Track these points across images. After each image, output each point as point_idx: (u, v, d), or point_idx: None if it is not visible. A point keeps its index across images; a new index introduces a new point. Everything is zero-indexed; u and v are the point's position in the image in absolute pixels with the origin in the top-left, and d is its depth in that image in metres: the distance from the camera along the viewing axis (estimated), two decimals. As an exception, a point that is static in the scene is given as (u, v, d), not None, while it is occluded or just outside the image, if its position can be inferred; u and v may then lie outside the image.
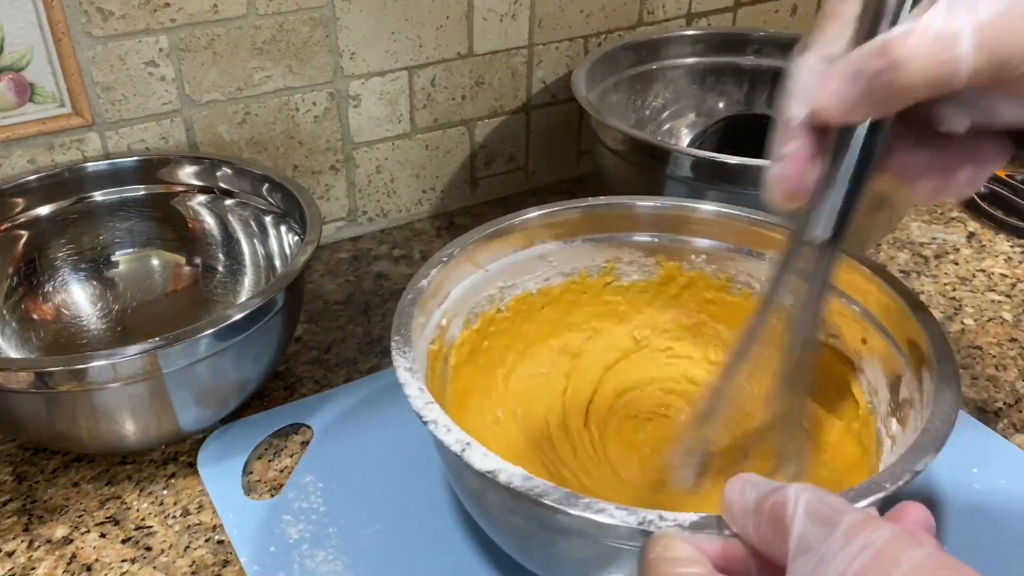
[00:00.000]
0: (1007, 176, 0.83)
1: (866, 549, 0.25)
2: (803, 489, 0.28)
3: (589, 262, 0.57)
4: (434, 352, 0.48)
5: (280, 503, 0.51)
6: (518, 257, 0.54)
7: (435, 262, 0.49)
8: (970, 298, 0.70)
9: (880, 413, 0.47)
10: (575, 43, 0.81)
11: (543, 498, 0.34)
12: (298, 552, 0.47)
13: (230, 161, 0.63)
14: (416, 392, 0.40)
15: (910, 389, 0.44)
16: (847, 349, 0.51)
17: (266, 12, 0.65)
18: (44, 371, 0.45)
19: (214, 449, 0.54)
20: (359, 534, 0.49)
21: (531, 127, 0.83)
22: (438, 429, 0.38)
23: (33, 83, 0.59)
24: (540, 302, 0.56)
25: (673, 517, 0.33)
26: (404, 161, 0.77)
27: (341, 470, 0.53)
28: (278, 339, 0.54)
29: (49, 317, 0.60)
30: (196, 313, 0.62)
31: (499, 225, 0.53)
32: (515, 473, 0.35)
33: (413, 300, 0.46)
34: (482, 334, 0.54)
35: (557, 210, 0.54)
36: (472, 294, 0.53)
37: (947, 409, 0.39)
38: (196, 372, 0.48)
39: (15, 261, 0.59)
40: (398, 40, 0.71)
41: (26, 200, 0.60)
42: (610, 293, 0.58)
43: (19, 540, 0.49)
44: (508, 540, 0.42)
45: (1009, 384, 0.61)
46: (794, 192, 0.36)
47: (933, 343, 0.43)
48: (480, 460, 0.36)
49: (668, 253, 0.56)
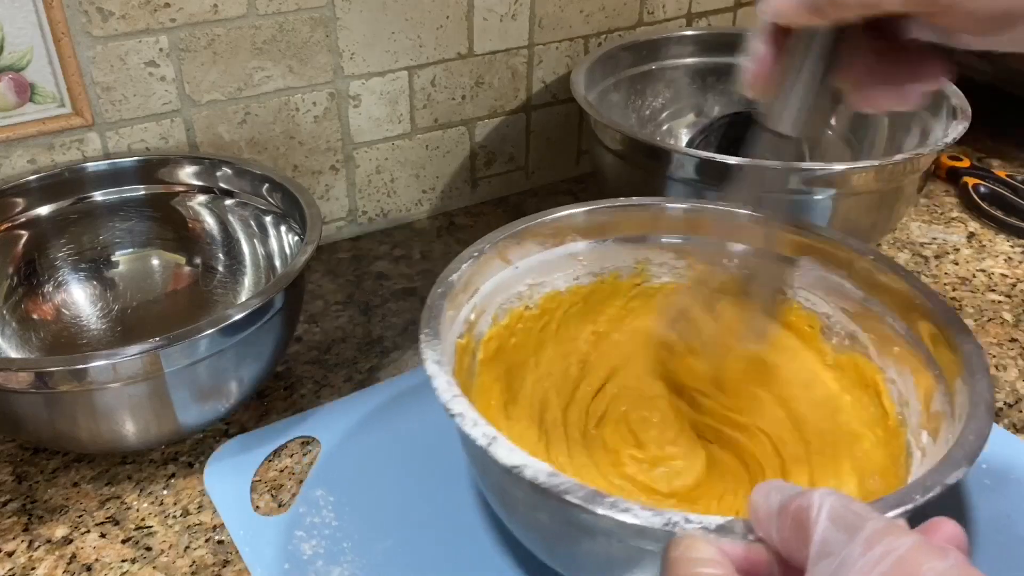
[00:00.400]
0: (1007, 176, 0.83)
1: (887, 556, 0.25)
2: (828, 494, 0.28)
3: (620, 262, 0.56)
4: (462, 346, 0.48)
5: (291, 518, 0.50)
6: (548, 255, 0.54)
7: (465, 257, 0.49)
8: (970, 298, 0.70)
9: (911, 425, 0.46)
10: (575, 43, 0.81)
11: (568, 495, 0.34)
12: (313, 569, 0.46)
13: (230, 161, 0.63)
14: (444, 385, 0.40)
15: (942, 402, 0.44)
16: (878, 358, 0.50)
17: (266, 12, 0.65)
18: (44, 371, 0.45)
19: (220, 466, 0.53)
20: (374, 548, 0.48)
21: (531, 127, 0.83)
22: (465, 422, 0.37)
23: (33, 83, 0.59)
24: (569, 300, 0.56)
25: (699, 519, 0.32)
26: (404, 161, 0.77)
27: (351, 483, 0.52)
28: (278, 339, 0.54)
29: (49, 317, 0.60)
30: (196, 313, 0.62)
31: (530, 222, 0.53)
32: (541, 469, 0.35)
33: (443, 294, 0.46)
34: (510, 330, 0.53)
35: (589, 209, 0.54)
36: (501, 290, 0.52)
37: (980, 424, 0.38)
38: (196, 372, 0.48)
39: (15, 261, 0.59)
40: (398, 40, 0.71)
41: (26, 200, 0.60)
42: (640, 294, 0.57)
43: (19, 540, 0.49)
44: (532, 538, 0.42)
45: (1009, 384, 0.61)
46: (757, 85, 0.43)
47: (966, 357, 0.42)
48: (506, 455, 0.36)
49: (699, 256, 0.56)
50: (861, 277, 0.51)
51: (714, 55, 0.84)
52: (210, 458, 0.54)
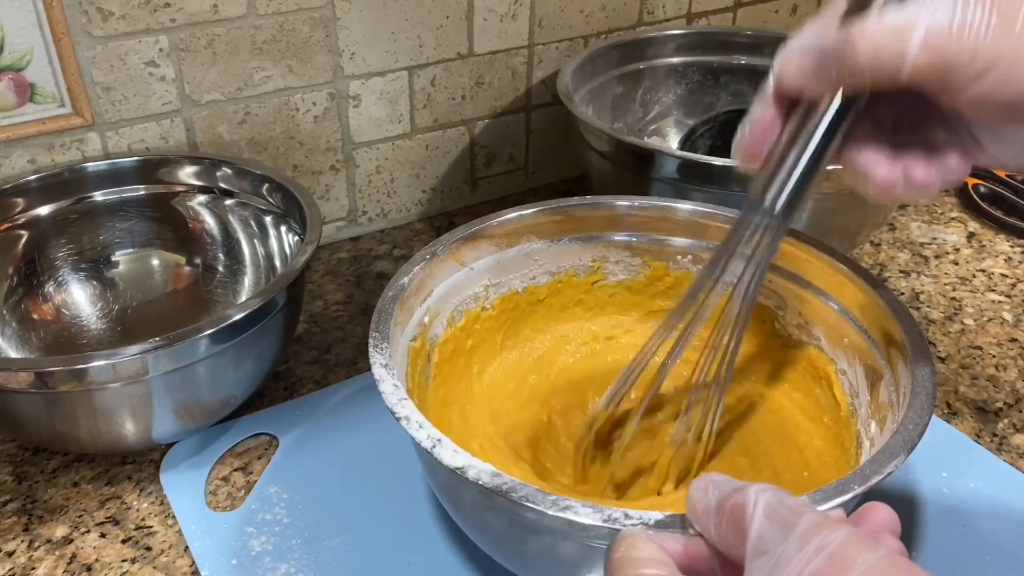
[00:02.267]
0: (1007, 176, 0.83)
1: (821, 551, 0.25)
2: (763, 490, 0.28)
3: (576, 261, 0.57)
4: (416, 349, 0.49)
5: (243, 515, 0.50)
6: (503, 256, 0.55)
7: (417, 259, 0.49)
8: (970, 298, 0.70)
9: (861, 415, 0.47)
10: (575, 43, 0.81)
11: (511, 494, 0.34)
12: (261, 565, 0.47)
13: (230, 161, 0.63)
14: (390, 388, 0.40)
15: (888, 391, 0.44)
16: (830, 350, 0.51)
17: (266, 12, 0.65)
18: (43, 371, 0.45)
19: (176, 460, 0.53)
20: (324, 545, 0.48)
21: (531, 127, 0.83)
22: (410, 425, 0.38)
23: (33, 83, 0.59)
24: (526, 300, 0.56)
25: (638, 515, 0.33)
26: (404, 161, 0.77)
27: (307, 480, 0.52)
28: (278, 339, 0.54)
29: (49, 317, 0.60)
30: (196, 313, 0.62)
31: (482, 225, 0.53)
32: (484, 470, 0.35)
33: (394, 297, 0.46)
34: (467, 332, 0.54)
35: (540, 209, 0.54)
36: (456, 292, 0.53)
37: (920, 412, 0.39)
38: (196, 372, 0.48)
39: (15, 261, 0.59)
40: (398, 40, 0.71)
41: (26, 200, 0.60)
42: (597, 292, 0.58)
43: (19, 540, 0.49)
44: (483, 538, 0.42)
45: (1009, 384, 0.61)
46: (749, 154, 0.39)
47: (912, 345, 0.43)
48: (450, 457, 0.36)
49: (654, 253, 0.56)
50: (810, 269, 0.52)
51: (703, 54, 0.83)
52: (167, 453, 0.54)
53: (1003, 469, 0.54)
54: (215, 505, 0.51)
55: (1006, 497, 0.51)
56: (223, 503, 0.51)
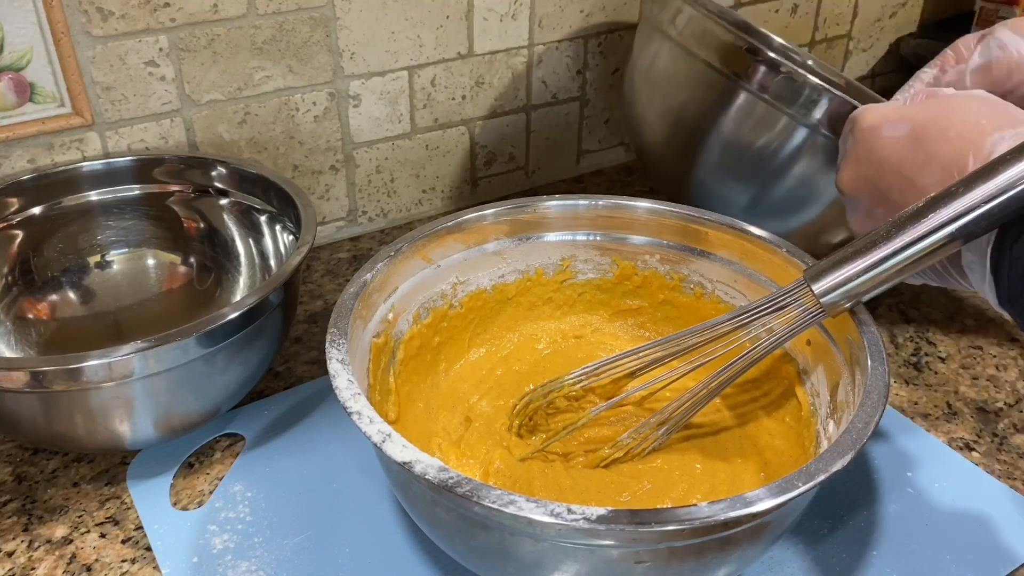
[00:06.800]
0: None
1: None
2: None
3: (545, 260, 0.57)
4: (379, 346, 0.49)
5: (206, 513, 0.50)
6: (471, 253, 0.55)
7: (381, 256, 0.50)
8: (970, 298, 0.70)
9: (820, 415, 0.47)
10: (575, 43, 0.81)
11: (456, 489, 0.35)
12: (222, 563, 0.47)
13: (225, 161, 0.63)
14: (345, 383, 0.40)
15: (847, 391, 0.44)
16: (793, 351, 0.51)
17: (266, 12, 0.65)
18: (38, 370, 0.45)
19: (143, 461, 0.53)
20: (285, 544, 0.48)
21: (531, 127, 0.83)
22: (361, 420, 0.38)
23: (33, 83, 0.59)
24: (495, 299, 0.56)
25: (580, 510, 0.33)
26: (404, 161, 0.77)
27: (271, 478, 0.52)
28: (274, 338, 0.54)
29: (44, 316, 0.60)
30: (191, 313, 0.62)
31: (448, 223, 0.53)
32: (431, 464, 0.36)
33: (355, 293, 0.47)
34: (434, 329, 0.54)
35: (505, 208, 0.55)
36: (423, 289, 0.53)
37: (870, 411, 0.39)
38: (191, 371, 0.48)
39: (10, 260, 0.59)
40: (398, 40, 0.71)
41: (21, 199, 0.60)
42: (566, 291, 0.58)
43: (19, 540, 0.49)
44: (436, 533, 0.43)
45: (1009, 384, 0.61)
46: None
47: (868, 345, 0.43)
48: (399, 452, 0.36)
49: (622, 253, 0.57)
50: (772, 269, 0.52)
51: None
52: (136, 456, 0.54)
53: (968, 468, 0.54)
54: (179, 503, 0.51)
55: (969, 497, 0.52)
56: (187, 502, 0.51)
